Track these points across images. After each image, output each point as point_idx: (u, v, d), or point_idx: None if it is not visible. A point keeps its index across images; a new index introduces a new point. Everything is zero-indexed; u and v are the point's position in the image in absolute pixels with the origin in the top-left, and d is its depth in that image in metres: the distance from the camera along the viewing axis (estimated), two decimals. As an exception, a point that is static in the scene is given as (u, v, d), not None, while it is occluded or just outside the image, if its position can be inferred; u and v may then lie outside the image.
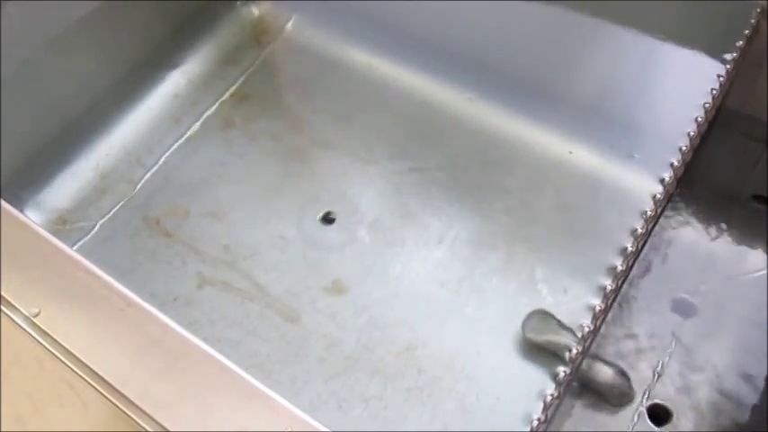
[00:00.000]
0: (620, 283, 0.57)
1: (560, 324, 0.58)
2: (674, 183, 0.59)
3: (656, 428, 0.59)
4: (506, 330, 0.60)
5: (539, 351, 0.58)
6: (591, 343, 0.55)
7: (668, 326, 0.64)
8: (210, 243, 0.67)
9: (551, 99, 0.71)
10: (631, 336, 0.64)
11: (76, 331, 0.41)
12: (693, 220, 0.70)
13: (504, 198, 0.67)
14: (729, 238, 0.68)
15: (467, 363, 0.59)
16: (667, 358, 0.62)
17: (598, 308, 0.56)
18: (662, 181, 0.59)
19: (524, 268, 0.63)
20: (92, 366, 0.39)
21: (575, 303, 0.61)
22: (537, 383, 0.57)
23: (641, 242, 0.58)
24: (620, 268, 0.58)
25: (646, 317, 0.65)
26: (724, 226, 0.69)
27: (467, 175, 0.69)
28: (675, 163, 0.60)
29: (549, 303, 0.61)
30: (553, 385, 0.54)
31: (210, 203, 0.70)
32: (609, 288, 0.57)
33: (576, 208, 0.66)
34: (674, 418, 0.59)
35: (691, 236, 0.69)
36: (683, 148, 0.60)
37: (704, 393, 0.60)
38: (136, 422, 0.38)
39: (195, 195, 0.70)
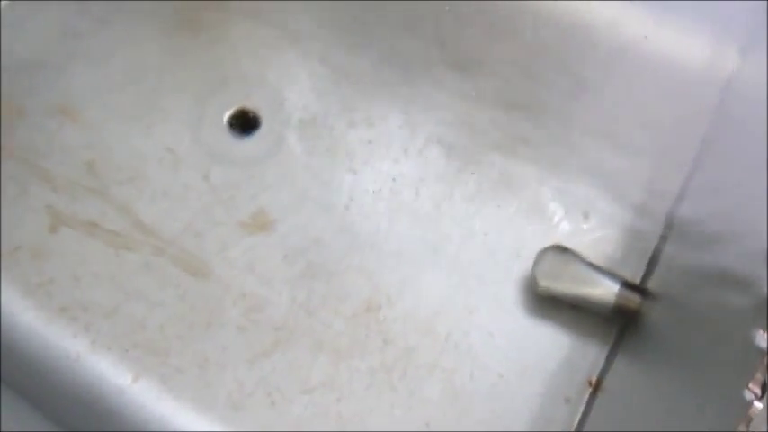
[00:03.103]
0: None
1: (588, 264, 0.40)
2: None
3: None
4: (508, 277, 0.42)
5: (555, 304, 0.41)
6: None
7: None
8: (64, 159, 0.45)
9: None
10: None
11: None
12: None
13: (495, 79, 0.47)
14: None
15: (454, 326, 0.41)
16: None
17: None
18: None
19: (527, 183, 0.44)
20: None
21: (601, 231, 0.43)
22: (556, 351, 0.40)
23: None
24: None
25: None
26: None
27: (441, 49, 0.48)
28: None
29: (564, 233, 0.43)
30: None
31: (59, 97, 0.46)
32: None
33: (594, 88, 0.46)
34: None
35: None
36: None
37: None
38: None
39: (34, 84, 0.47)
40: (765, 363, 0.17)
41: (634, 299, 0.39)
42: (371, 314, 0.41)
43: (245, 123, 0.46)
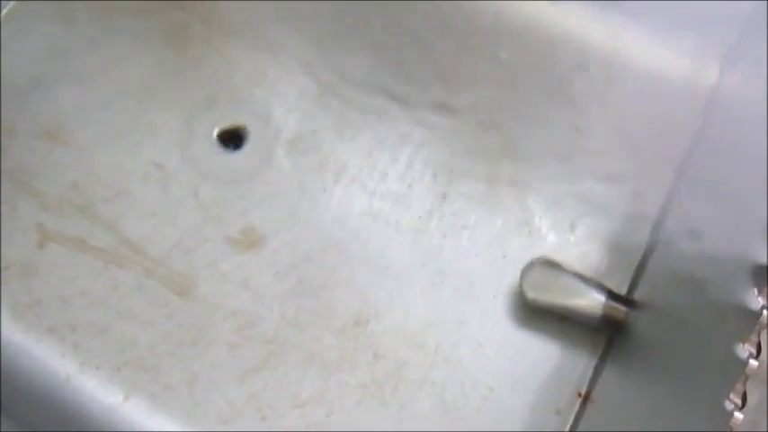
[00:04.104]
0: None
1: (574, 275, 0.41)
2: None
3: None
4: (496, 290, 0.42)
5: (544, 316, 0.41)
6: None
7: None
8: (52, 178, 0.45)
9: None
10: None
11: None
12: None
13: (481, 92, 0.47)
14: None
15: (443, 340, 0.41)
16: None
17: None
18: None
19: (513, 196, 0.45)
20: None
21: (588, 243, 0.43)
22: (545, 363, 0.40)
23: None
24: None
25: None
26: None
27: (427, 67, 0.48)
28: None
29: (551, 245, 0.43)
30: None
31: (47, 116, 0.46)
32: None
33: (580, 101, 0.47)
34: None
35: None
36: None
37: None
38: None
39: (23, 103, 0.47)
40: (746, 373, 0.18)
41: (620, 309, 0.39)
42: (361, 328, 0.41)
43: (233, 140, 0.46)
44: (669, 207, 0.43)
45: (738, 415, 0.17)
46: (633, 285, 0.42)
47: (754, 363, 0.18)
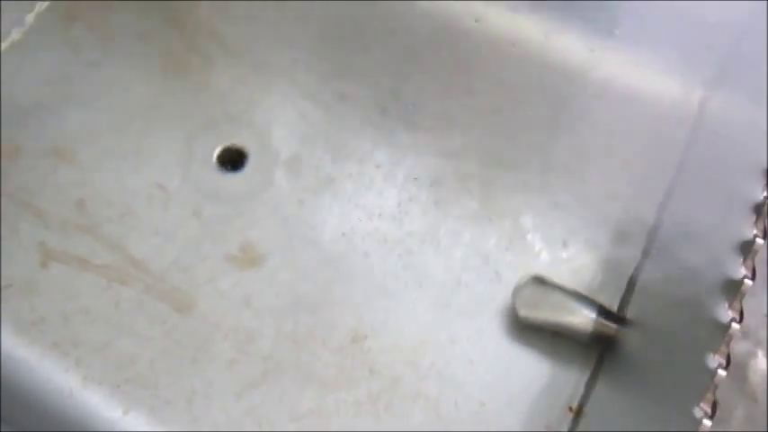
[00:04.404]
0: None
1: (566, 292, 0.42)
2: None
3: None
4: (489, 307, 0.43)
5: (536, 333, 0.42)
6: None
7: None
8: (56, 198, 0.46)
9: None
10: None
11: None
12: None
13: (475, 116, 0.48)
14: None
15: (437, 356, 0.42)
16: None
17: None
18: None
19: (506, 214, 0.46)
20: None
21: (579, 260, 0.44)
22: (537, 379, 0.41)
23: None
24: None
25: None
26: None
27: (418, 87, 0.50)
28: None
29: (544, 262, 0.44)
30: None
31: (51, 138, 0.48)
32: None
33: (571, 124, 0.48)
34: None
35: None
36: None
37: None
38: None
39: (28, 126, 0.48)
40: (714, 383, 0.18)
41: (611, 326, 0.40)
42: (357, 345, 0.42)
43: (233, 161, 0.47)
44: (659, 226, 0.44)
45: (707, 422, 0.18)
46: (624, 302, 0.43)
47: (722, 373, 0.19)
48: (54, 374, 0.41)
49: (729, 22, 0.48)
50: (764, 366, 0.41)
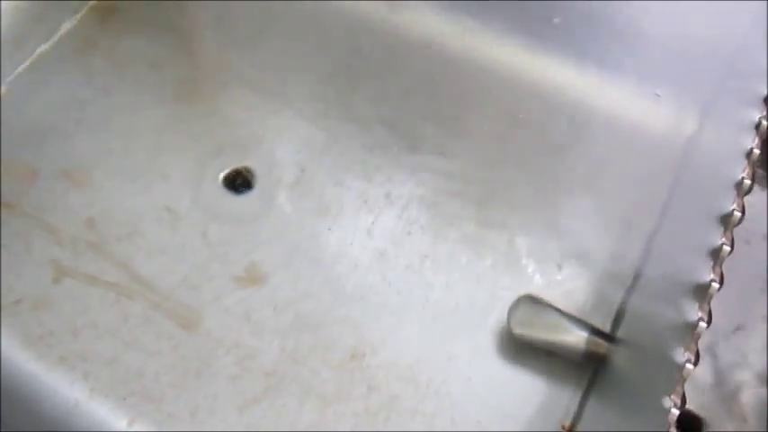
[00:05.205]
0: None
1: (559, 312, 0.43)
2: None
3: None
4: (485, 326, 0.44)
5: (531, 352, 0.43)
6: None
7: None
8: (68, 217, 0.48)
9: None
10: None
11: None
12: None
13: (472, 141, 0.50)
14: None
15: (434, 373, 0.43)
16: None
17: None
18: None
19: (502, 237, 0.47)
20: None
21: (572, 283, 0.46)
22: (532, 396, 0.42)
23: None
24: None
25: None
26: None
27: (418, 114, 0.52)
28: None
29: (538, 284, 0.46)
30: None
31: (65, 160, 0.50)
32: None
33: (565, 150, 0.50)
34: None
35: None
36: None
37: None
38: None
39: (44, 148, 0.50)
40: (683, 376, 0.20)
41: (602, 345, 0.41)
42: (356, 362, 0.44)
43: (240, 184, 0.49)
44: (649, 249, 0.46)
45: (675, 411, 0.20)
46: (616, 322, 0.44)
47: (690, 367, 0.20)
48: (61, 386, 0.42)
49: (717, 52, 0.50)
50: (753, 389, 0.43)
